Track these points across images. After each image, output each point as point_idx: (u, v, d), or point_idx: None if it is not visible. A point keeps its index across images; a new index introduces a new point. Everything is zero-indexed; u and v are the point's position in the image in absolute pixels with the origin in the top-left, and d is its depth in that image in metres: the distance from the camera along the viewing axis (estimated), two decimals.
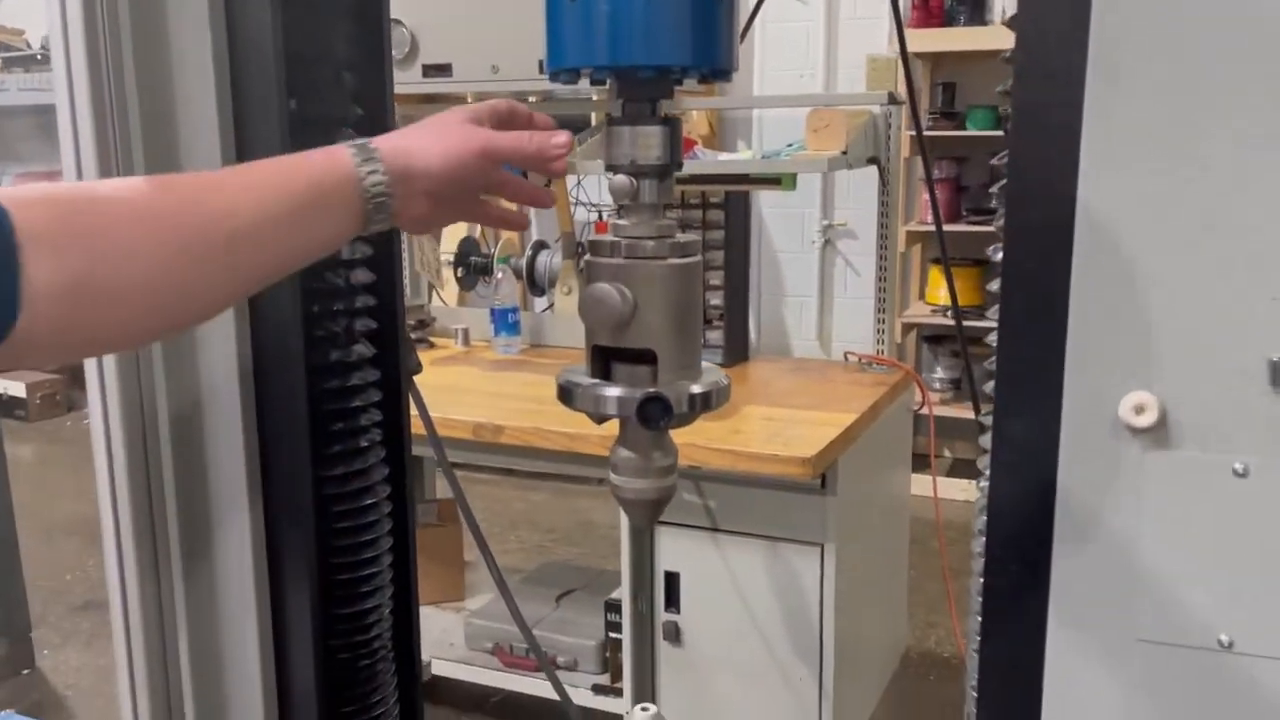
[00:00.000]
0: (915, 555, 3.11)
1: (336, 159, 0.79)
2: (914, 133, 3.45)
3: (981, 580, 0.81)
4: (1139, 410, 0.70)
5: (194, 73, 0.93)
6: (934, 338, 4.86)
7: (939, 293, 4.66)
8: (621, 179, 0.90)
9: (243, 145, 0.96)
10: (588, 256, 0.93)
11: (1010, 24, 0.73)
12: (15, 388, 5.93)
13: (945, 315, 4.49)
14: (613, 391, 0.92)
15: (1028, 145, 0.72)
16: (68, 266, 0.69)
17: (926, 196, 4.55)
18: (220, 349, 1.01)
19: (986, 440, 0.82)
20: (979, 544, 0.84)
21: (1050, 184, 0.72)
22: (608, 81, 0.90)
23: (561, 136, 0.87)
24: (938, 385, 4.76)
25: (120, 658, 1.07)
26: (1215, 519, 0.71)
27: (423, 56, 2.82)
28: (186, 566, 1.07)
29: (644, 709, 1.01)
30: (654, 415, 0.92)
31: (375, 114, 1.09)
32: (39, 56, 6.05)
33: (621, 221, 0.92)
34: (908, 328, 4.69)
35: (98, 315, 0.72)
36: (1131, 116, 0.69)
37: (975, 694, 0.84)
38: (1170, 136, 0.68)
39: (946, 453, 4.83)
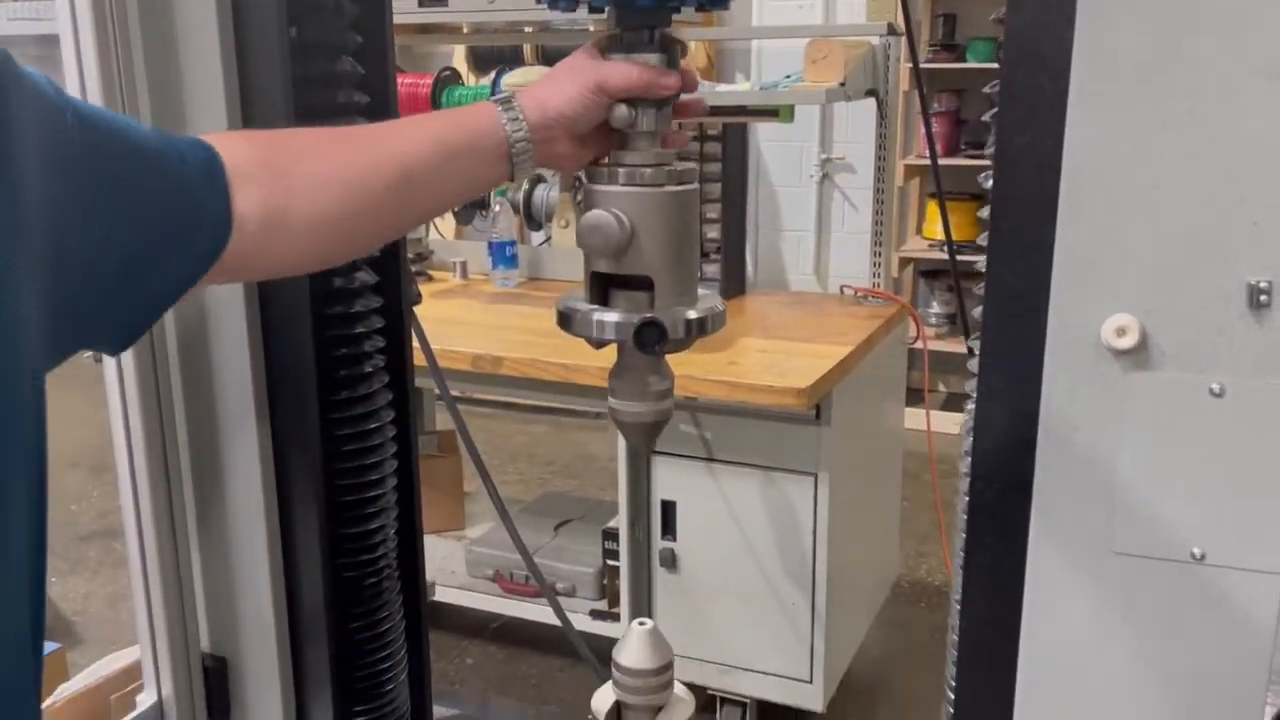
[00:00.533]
0: (908, 487, 3.16)
1: (485, 111, 0.89)
2: (913, 65, 3.42)
3: (967, 497, 0.84)
4: (1121, 332, 0.73)
5: (197, 6, 0.94)
6: (931, 273, 4.87)
7: (937, 227, 4.66)
8: (621, 108, 0.91)
9: (244, 72, 0.97)
10: (586, 184, 0.94)
11: None
12: None
13: (942, 250, 4.50)
14: (610, 316, 0.95)
15: (1019, 71, 0.74)
16: (267, 199, 0.80)
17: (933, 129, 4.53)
18: None
19: (975, 365, 0.85)
20: (966, 463, 0.87)
21: (1039, 110, 0.73)
22: (606, 10, 0.91)
23: (671, 78, 0.91)
24: (934, 320, 4.78)
25: (136, 579, 1.10)
26: (1191, 437, 0.73)
27: None
28: (197, 489, 1.10)
29: (640, 623, 1.05)
30: (650, 340, 0.94)
31: (374, 42, 1.10)
32: None
33: (620, 150, 0.93)
34: (905, 262, 4.70)
35: (289, 242, 0.83)
36: (1120, 44, 0.70)
37: (959, 606, 0.88)
38: (1157, 65, 0.70)
39: (941, 387, 4.87)
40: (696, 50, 4.42)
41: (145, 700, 1.10)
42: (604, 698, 1.06)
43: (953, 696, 0.91)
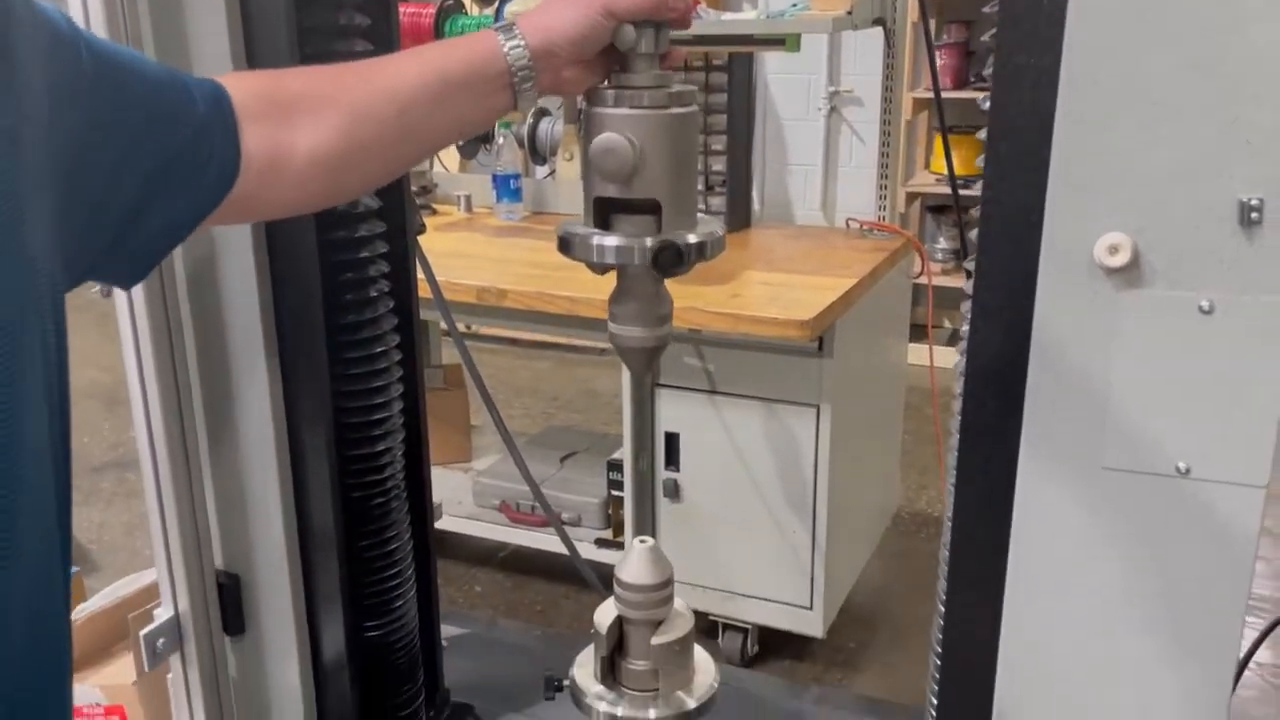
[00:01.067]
0: (910, 421, 3.18)
1: (485, 39, 0.88)
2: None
3: (960, 416, 0.86)
4: (1113, 250, 0.74)
5: None
6: (938, 208, 4.85)
7: (944, 162, 4.62)
8: (629, 29, 0.91)
9: (248, 18, 0.97)
10: (589, 107, 0.95)
11: None
12: None
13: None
14: (614, 241, 0.95)
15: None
16: (272, 135, 0.81)
17: (942, 61, 4.47)
18: None
19: (970, 286, 0.86)
20: (960, 384, 0.88)
21: (1039, 28, 0.73)
22: None
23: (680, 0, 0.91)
24: (940, 255, 4.77)
25: (151, 501, 1.13)
26: (1180, 354, 0.75)
27: None
28: (209, 413, 1.13)
29: (642, 540, 1.08)
30: (667, 262, 0.95)
31: None
32: None
33: (623, 73, 0.93)
34: (912, 197, 4.67)
35: (294, 178, 0.84)
36: None
37: (950, 524, 0.90)
38: None
39: (945, 323, 4.87)
40: None
41: (162, 614, 1.14)
42: (606, 613, 1.09)
43: (943, 610, 0.93)
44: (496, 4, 2.75)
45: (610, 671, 1.09)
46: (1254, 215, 0.70)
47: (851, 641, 2.68)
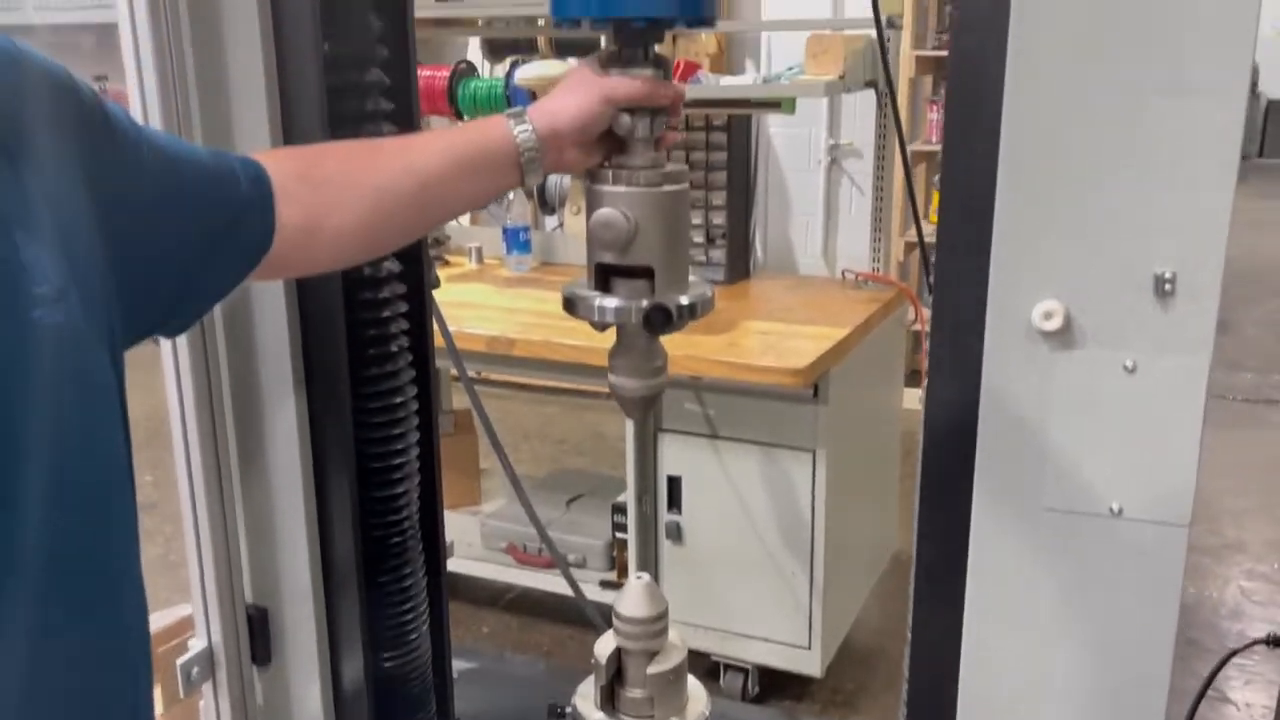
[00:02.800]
0: (910, 466, 3.27)
1: (497, 124, 0.99)
2: (920, 53, 3.47)
3: (921, 462, 0.96)
4: (1047, 316, 0.84)
5: (241, 24, 1.05)
6: None
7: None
8: (625, 116, 1.02)
9: (284, 83, 1.08)
10: (591, 185, 1.06)
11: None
12: None
13: None
14: (613, 302, 1.06)
15: (961, 84, 0.85)
16: (305, 210, 0.91)
17: (932, 116, 4.61)
18: None
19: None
20: (922, 434, 0.98)
21: (980, 116, 0.84)
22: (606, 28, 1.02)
23: (668, 88, 1.02)
24: None
25: (189, 538, 1.23)
26: (1109, 407, 0.85)
27: None
28: (242, 457, 1.23)
29: (638, 577, 1.17)
30: (657, 321, 1.05)
31: (398, 52, 1.21)
32: None
33: (621, 154, 1.05)
34: (910, 246, 4.79)
35: (322, 246, 0.95)
36: (1045, 64, 0.81)
37: (915, 559, 1.00)
38: (1077, 82, 0.80)
39: None
40: (708, 38, 4.52)
41: (196, 645, 1.23)
42: (605, 644, 1.18)
43: (910, 641, 1.02)
44: (508, 67, 2.89)
45: (610, 700, 1.18)
46: (1167, 286, 0.81)
47: (850, 682, 2.75)
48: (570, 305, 1.09)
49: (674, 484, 2.56)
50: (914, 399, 3.29)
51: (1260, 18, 0.78)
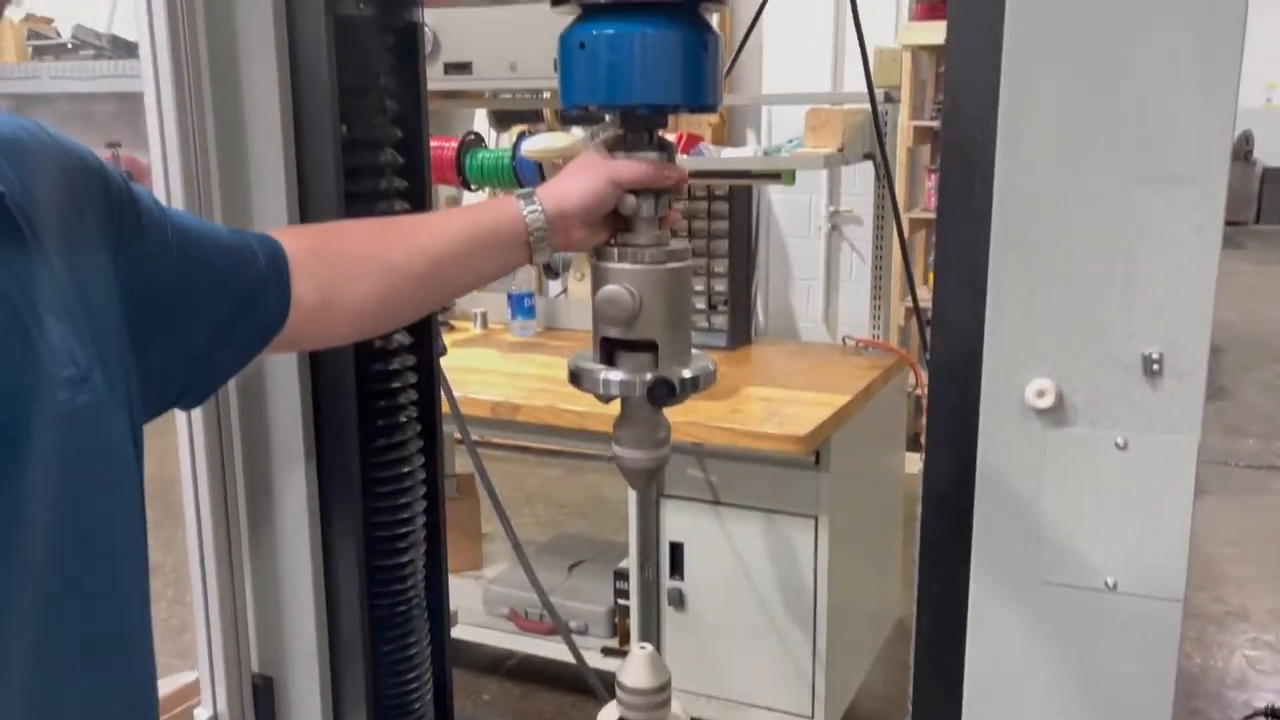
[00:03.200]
0: (912, 531, 3.26)
1: (508, 204, 1.02)
2: (918, 123, 3.55)
3: (919, 534, 0.98)
4: (1040, 394, 0.86)
5: (262, 107, 1.10)
6: None
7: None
8: (630, 197, 1.06)
9: (302, 166, 1.13)
10: (597, 262, 1.09)
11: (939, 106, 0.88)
12: None
13: None
14: (618, 375, 1.09)
15: (953, 165, 0.88)
16: (320, 286, 0.95)
17: (929, 185, 4.69)
18: None
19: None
20: (921, 508, 1.00)
21: (972, 207, 0.88)
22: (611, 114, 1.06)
23: (672, 170, 1.06)
24: None
25: (197, 606, 1.24)
26: (1101, 483, 0.87)
27: (444, 55, 2.96)
28: (251, 525, 1.25)
29: (641, 647, 1.18)
30: (661, 395, 1.08)
31: (411, 133, 1.26)
32: (69, 45, 6.22)
33: (626, 233, 1.08)
34: (911, 312, 4.84)
35: (336, 321, 0.98)
36: (1033, 150, 0.85)
37: (915, 631, 1.01)
38: (1065, 168, 0.84)
39: None
40: None
41: (202, 714, 1.24)
42: (609, 714, 1.19)
43: (911, 709, 1.03)
44: (515, 139, 2.96)
45: None
46: (1155, 366, 0.83)
47: None
48: (576, 378, 1.11)
49: (676, 550, 2.57)
50: (915, 463, 3.30)
51: (1237, 111, 0.82)
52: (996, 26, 0.84)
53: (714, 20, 1.07)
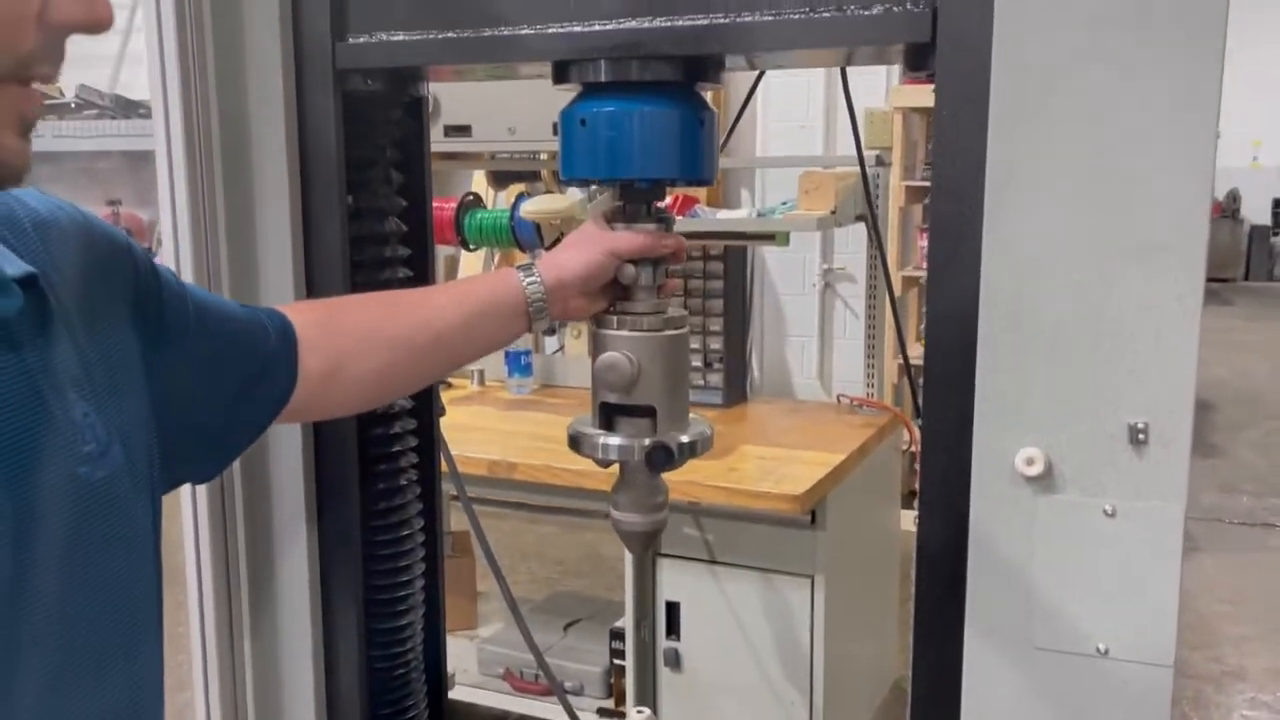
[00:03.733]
0: (908, 588, 3.26)
1: (508, 277, 1.05)
2: (909, 183, 3.61)
3: (914, 599, 0.99)
4: (1030, 462, 0.88)
5: (271, 179, 1.13)
6: None
7: None
8: (629, 267, 1.09)
9: (309, 234, 1.15)
10: (596, 329, 1.12)
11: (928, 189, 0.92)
12: None
13: None
14: (616, 440, 1.11)
15: (942, 242, 0.91)
16: (325, 362, 0.97)
17: (921, 244, 4.75)
18: None
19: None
20: (914, 573, 1.02)
21: (958, 278, 0.90)
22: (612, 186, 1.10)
23: (669, 239, 1.09)
24: None
25: (196, 672, 1.25)
26: (1091, 549, 0.88)
27: (444, 118, 3.02)
28: (252, 590, 1.25)
29: (639, 711, 1.18)
30: (660, 460, 1.10)
31: (415, 202, 1.29)
32: (73, 105, 6.31)
33: (625, 301, 1.11)
34: (904, 369, 4.87)
35: (342, 393, 1.01)
36: (1018, 225, 0.88)
37: (910, 695, 1.02)
38: (1051, 240, 0.87)
39: None
40: None
41: None
42: None
43: None
44: (514, 200, 3.00)
45: None
46: (1140, 436, 0.86)
47: None
48: (575, 443, 1.13)
49: (672, 610, 2.56)
50: (910, 519, 3.30)
51: (1214, 182, 0.86)
52: (982, 101, 0.87)
53: (709, 97, 1.11)
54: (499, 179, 3.76)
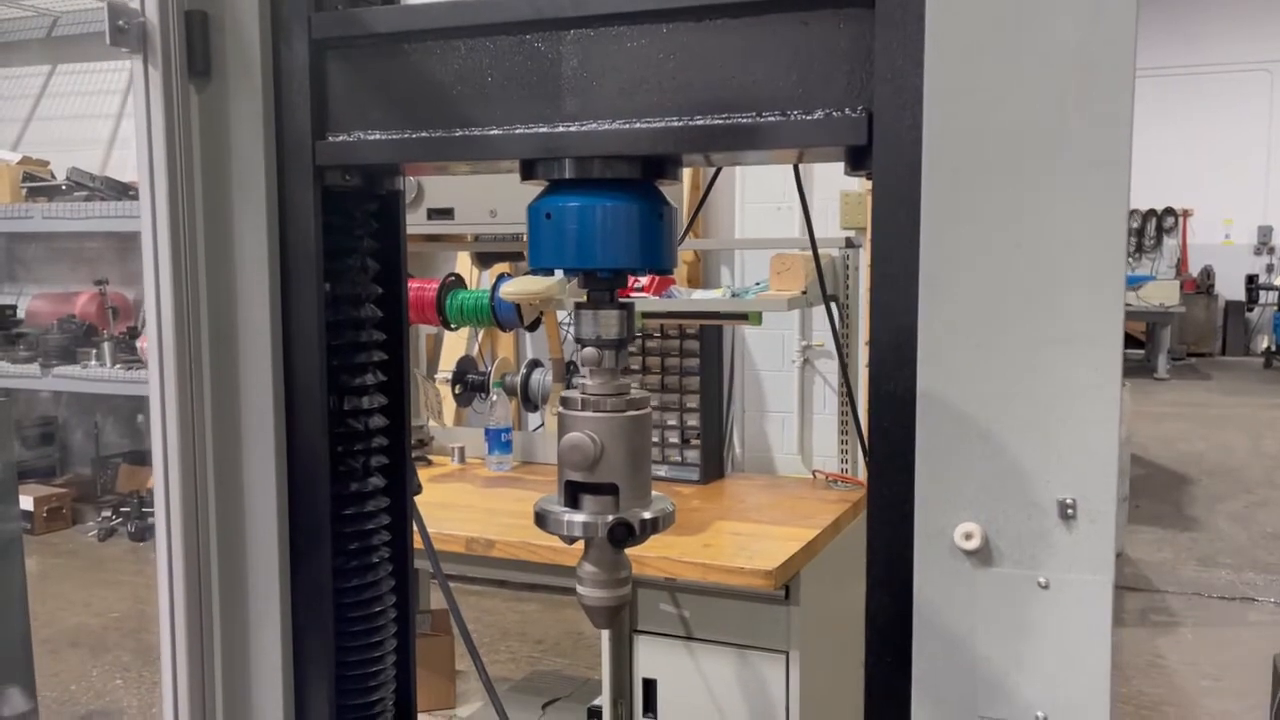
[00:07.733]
0: None
1: None
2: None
3: (864, 669, 1.03)
4: (968, 536, 0.93)
5: (252, 267, 1.19)
6: None
7: None
8: (590, 350, 1.14)
9: (288, 321, 1.21)
10: (562, 411, 1.17)
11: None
12: (23, 501, 6.10)
13: None
14: (581, 517, 1.15)
15: (883, 334, 0.97)
16: None
17: None
18: (261, 484, 1.24)
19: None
20: (864, 646, 1.06)
21: (899, 364, 0.96)
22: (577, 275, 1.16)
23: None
24: None
25: None
26: (1027, 620, 0.93)
27: (428, 201, 3.11)
28: (225, 665, 1.28)
29: None
30: (621, 536, 1.15)
31: (391, 289, 1.35)
32: (63, 187, 6.42)
33: (588, 381, 1.16)
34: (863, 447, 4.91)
35: None
36: (952, 315, 0.94)
37: None
38: (981, 331, 0.93)
39: None
40: (684, 251, 4.80)
41: None
42: None
43: None
44: (495, 280, 3.08)
45: None
46: (1069, 511, 0.91)
47: None
48: (541, 520, 1.18)
49: (649, 686, 2.57)
50: None
51: (1125, 284, 0.92)
52: (915, 199, 0.94)
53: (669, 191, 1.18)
54: (483, 259, 3.85)
